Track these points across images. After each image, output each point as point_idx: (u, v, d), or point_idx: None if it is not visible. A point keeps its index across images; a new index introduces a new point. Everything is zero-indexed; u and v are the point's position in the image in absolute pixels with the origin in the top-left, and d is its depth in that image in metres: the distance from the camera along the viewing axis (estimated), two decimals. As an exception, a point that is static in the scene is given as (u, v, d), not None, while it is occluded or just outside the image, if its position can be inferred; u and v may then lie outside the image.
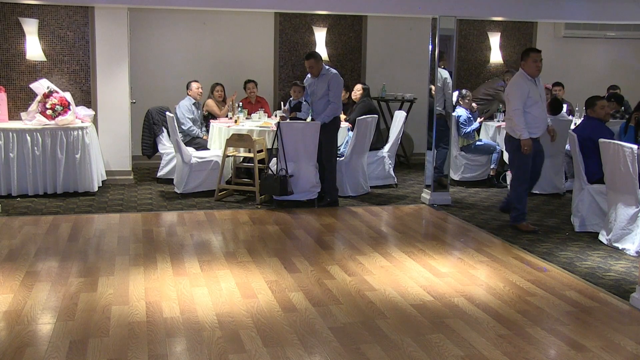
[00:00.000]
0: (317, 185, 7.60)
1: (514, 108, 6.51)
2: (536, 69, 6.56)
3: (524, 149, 6.48)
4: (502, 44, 11.22)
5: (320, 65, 7.59)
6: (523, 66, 6.62)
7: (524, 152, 6.50)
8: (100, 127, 8.60)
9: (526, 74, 6.57)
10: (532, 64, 6.54)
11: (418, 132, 10.60)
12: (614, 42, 11.78)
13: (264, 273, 5.23)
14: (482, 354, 3.87)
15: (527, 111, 6.52)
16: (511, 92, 6.58)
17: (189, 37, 10.17)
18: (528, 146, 6.47)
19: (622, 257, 5.90)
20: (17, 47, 8.45)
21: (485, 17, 10.33)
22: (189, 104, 8.86)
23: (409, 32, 10.90)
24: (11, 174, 7.66)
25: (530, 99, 6.50)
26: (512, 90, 6.58)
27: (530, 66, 6.56)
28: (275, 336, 4.05)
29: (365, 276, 5.22)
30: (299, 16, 10.39)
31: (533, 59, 6.55)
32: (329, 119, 7.49)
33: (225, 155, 7.85)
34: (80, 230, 6.44)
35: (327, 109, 7.50)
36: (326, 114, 7.49)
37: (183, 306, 4.50)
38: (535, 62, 6.54)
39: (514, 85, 6.61)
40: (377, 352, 3.86)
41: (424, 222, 7.31)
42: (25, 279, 4.99)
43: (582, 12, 9.06)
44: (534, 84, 6.57)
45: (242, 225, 6.82)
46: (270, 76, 10.46)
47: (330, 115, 7.50)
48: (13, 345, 3.85)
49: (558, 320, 4.43)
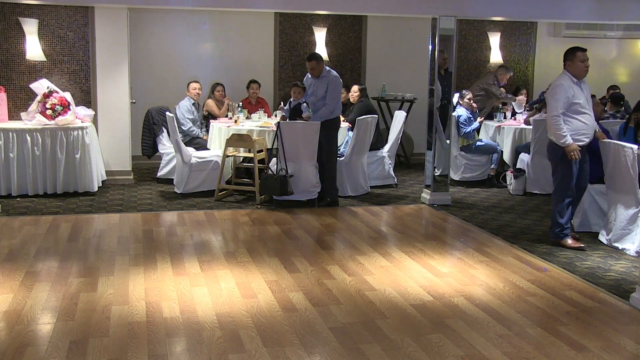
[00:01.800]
0: (317, 185, 7.60)
1: (553, 114, 5.90)
2: (584, 69, 5.98)
3: (570, 155, 5.89)
4: (502, 44, 11.22)
5: (322, 66, 7.60)
6: (568, 67, 6.00)
7: (572, 157, 5.90)
8: (100, 127, 8.60)
9: (571, 76, 5.97)
10: (580, 64, 5.96)
11: (418, 132, 10.59)
12: (614, 42, 11.78)
13: (264, 273, 5.23)
14: (482, 354, 3.87)
15: (575, 117, 5.94)
16: (552, 95, 5.96)
17: (189, 37, 10.17)
18: (574, 151, 5.88)
19: (622, 257, 5.90)
20: (17, 47, 8.45)
21: (485, 17, 10.33)
22: (188, 104, 8.87)
23: (409, 32, 10.90)
24: (11, 174, 7.66)
25: (578, 104, 5.92)
26: (554, 93, 5.94)
27: (577, 67, 5.96)
28: (275, 336, 4.05)
29: (365, 276, 5.22)
30: (299, 16, 10.39)
31: (580, 58, 5.96)
32: (321, 119, 7.50)
33: (225, 155, 7.85)
34: (80, 230, 6.44)
35: (321, 110, 7.52)
36: (319, 115, 7.52)
37: (183, 306, 4.50)
38: (583, 62, 5.96)
39: (557, 87, 5.96)
40: (377, 352, 3.86)
41: (424, 222, 7.31)
42: (25, 279, 4.99)
43: (582, 12, 9.06)
44: (579, 87, 5.99)
45: (242, 225, 6.82)
46: (270, 76, 10.46)
47: (323, 116, 7.52)
48: (13, 345, 3.85)
49: (558, 320, 4.43)
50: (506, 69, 9.96)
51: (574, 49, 6.07)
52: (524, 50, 11.45)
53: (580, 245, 6.12)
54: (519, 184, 8.59)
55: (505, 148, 9.16)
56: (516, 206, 7.95)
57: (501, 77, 9.83)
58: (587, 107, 6.01)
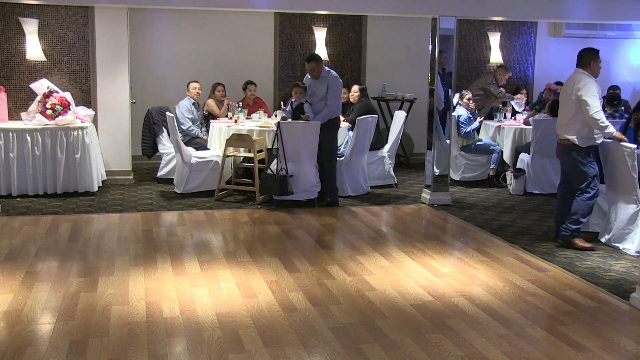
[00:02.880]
0: (317, 185, 7.60)
1: (595, 110, 5.86)
2: (599, 70, 6.12)
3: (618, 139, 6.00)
4: (502, 44, 11.22)
5: (321, 67, 7.60)
6: (590, 68, 6.04)
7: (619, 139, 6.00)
8: (100, 127, 8.60)
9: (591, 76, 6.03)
10: (599, 66, 6.09)
11: (418, 132, 10.59)
12: (614, 42, 11.78)
13: (264, 273, 5.23)
14: (482, 354, 3.87)
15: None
16: (588, 92, 5.92)
17: (189, 37, 10.17)
18: (619, 137, 6.02)
19: (622, 257, 5.90)
20: (17, 47, 8.45)
21: (485, 17, 10.33)
22: (188, 104, 8.87)
23: (409, 32, 10.90)
24: (11, 174, 7.66)
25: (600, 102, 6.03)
26: (589, 90, 5.92)
27: (597, 68, 6.07)
28: (275, 336, 4.05)
29: (365, 276, 5.22)
30: (299, 16, 10.40)
31: (600, 60, 6.09)
32: (324, 120, 7.51)
33: (225, 155, 7.85)
34: (80, 230, 6.45)
35: (324, 111, 7.52)
36: (321, 115, 7.52)
37: (183, 306, 4.50)
38: (599, 64, 6.11)
39: (590, 85, 5.95)
40: (377, 352, 3.86)
41: (424, 222, 7.31)
42: (25, 279, 4.99)
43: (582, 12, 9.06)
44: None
45: (242, 225, 6.82)
46: (270, 76, 10.46)
47: (325, 117, 7.51)
48: (13, 345, 3.85)
49: (558, 320, 4.43)
50: (505, 69, 9.95)
51: (597, 51, 6.12)
52: (524, 50, 11.45)
53: (590, 245, 6.10)
54: (519, 184, 8.59)
55: (505, 148, 9.16)
56: (516, 206, 7.95)
57: (500, 77, 9.82)
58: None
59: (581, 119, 6.00)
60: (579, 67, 6.13)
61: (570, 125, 6.08)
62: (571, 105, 6.06)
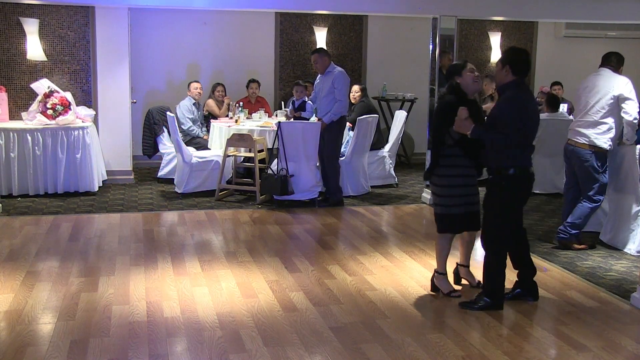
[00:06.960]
0: (318, 185, 7.60)
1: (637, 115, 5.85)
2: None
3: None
4: (503, 44, 11.21)
5: (326, 61, 7.55)
6: (620, 72, 6.05)
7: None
8: (101, 127, 8.60)
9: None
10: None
11: (419, 132, 10.59)
12: (614, 42, 11.77)
13: (265, 273, 5.23)
14: (482, 353, 3.87)
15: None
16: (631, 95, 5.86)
17: (190, 37, 10.17)
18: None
19: (623, 256, 5.90)
20: (18, 46, 8.45)
21: (486, 17, 10.32)
22: (189, 104, 8.88)
23: (409, 32, 10.90)
24: (12, 173, 7.66)
25: None
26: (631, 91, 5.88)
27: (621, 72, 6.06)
28: (275, 336, 4.05)
29: (366, 276, 5.23)
30: (299, 16, 10.40)
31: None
32: (336, 117, 7.41)
33: (225, 155, 7.86)
34: (80, 230, 6.45)
35: (334, 107, 7.38)
36: (333, 112, 7.39)
37: (184, 306, 4.50)
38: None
39: (630, 85, 5.91)
40: (378, 352, 3.86)
41: (425, 221, 7.30)
42: (26, 278, 4.99)
43: (582, 12, 9.04)
44: None
45: (243, 225, 6.82)
46: (270, 76, 10.46)
47: (337, 113, 7.40)
48: (14, 345, 3.86)
49: (558, 320, 4.43)
50: (491, 79, 9.55)
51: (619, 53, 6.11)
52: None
53: (585, 246, 6.08)
54: (520, 184, 8.56)
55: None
56: (517, 206, 7.94)
57: (486, 87, 9.30)
58: None
59: (614, 120, 5.85)
60: (608, 67, 6.00)
61: (598, 127, 5.89)
62: (603, 105, 5.88)
